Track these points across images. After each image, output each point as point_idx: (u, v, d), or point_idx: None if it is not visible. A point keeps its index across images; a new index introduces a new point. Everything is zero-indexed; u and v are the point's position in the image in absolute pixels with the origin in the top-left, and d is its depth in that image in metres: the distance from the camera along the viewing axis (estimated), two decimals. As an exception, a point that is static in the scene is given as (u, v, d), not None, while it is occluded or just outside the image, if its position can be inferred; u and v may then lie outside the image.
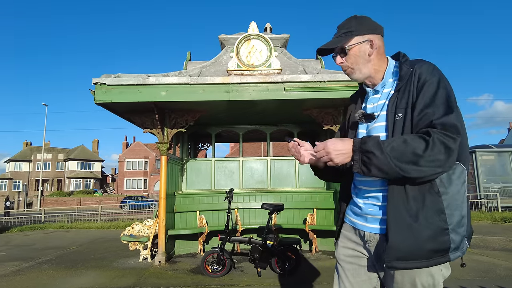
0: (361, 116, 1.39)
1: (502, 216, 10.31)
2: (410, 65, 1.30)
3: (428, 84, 1.22)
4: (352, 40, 1.34)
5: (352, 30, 1.34)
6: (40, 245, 7.58)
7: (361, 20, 1.37)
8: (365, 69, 1.36)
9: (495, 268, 4.61)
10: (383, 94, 1.38)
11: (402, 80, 1.29)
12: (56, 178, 53.79)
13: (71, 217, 14.44)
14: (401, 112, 1.24)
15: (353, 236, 1.43)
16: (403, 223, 1.17)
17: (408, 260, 1.16)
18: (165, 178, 5.37)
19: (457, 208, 1.19)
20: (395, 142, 1.13)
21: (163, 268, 4.95)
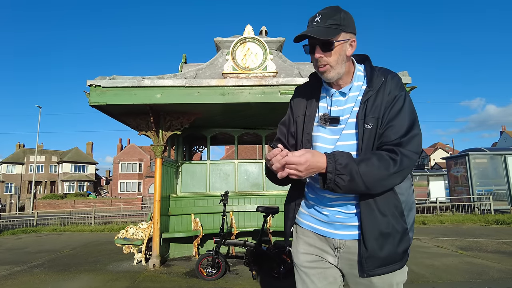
0: (326, 119, 1.31)
1: (495, 218, 10.41)
2: (382, 74, 1.31)
3: (397, 98, 1.25)
4: (339, 36, 1.24)
5: (340, 24, 1.23)
6: (32, 248, 7.48)
7: (347, 14, 1.27)
8: (341, 69, 1.28)
9: (489, 270, 4.64)
10: (349, 97, 1.33)
11: (373, 88, 1.28)
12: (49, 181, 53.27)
13: (64, 220, 14.30)
14: (371, 122, 1.24)
15: (316, 242, 1.37)
16: (378, 231, 1.22)
17: (387, 265, 1.23)
18: (159, 180, 5.34)
19: (412, 207, 1.31)
20: (367, 164, 1.15)
21: (157, 272, 4.91)
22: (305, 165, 1.11)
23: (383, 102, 1.26)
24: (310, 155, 1.12)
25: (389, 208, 1.23)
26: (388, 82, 1.29)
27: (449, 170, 15.86)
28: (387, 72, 1.33)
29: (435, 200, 15.59)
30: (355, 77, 1.34)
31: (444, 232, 8.48)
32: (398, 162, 1.16)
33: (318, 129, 1.35)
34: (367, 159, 1.16)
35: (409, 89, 4.93)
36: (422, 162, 68.48)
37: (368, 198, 1.23)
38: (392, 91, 1.27)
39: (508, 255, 5.66)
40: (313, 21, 1.26)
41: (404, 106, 1.25)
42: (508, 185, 13.47)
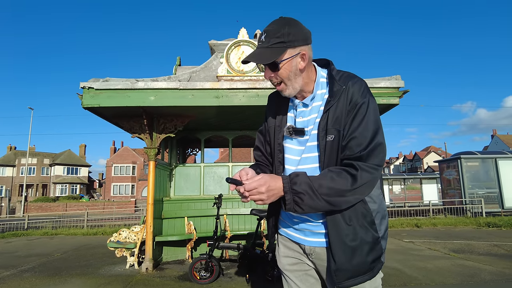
0: (291, 131, 1.30)
1: (487, 221, 10.53)
2: (343, 82, 1.24)
3: (358, 107, 1.20)
4: (285, 54, 1.18)
5: (284, 41, 1.17)
6: (22, 252, 7.37)
7: (293, 27, 1.19)
8: (296, 84, 1.24)
9: (480, 272, 4.68)
10: (313, 107, 1.30)
11: (334, 97, 1.23)
12: (41, 183, 52.63)
13: (56, 223, 14.12)
14: (333, 133, 1.21)
15: (293, 245, 1.39)
16: (345, 243, 1.20)
17: (357, 276, 1.21)
18: (153, 183, 5.31)
19: (383, 215, 1.28)
20: (324, 180, 1.13)
21: (150, 275, 4.87)
22: (265, 186, 1.12)
23: (343, 111, 1.21)
24: (268, 177, 1.14)
25: (357, 218, 1.21)
26: (349, 89, 1.22)
27: (441, 173, 16.01)
28: (349, 78, 1.25)
29: (428, 203, 15.71)
30: (318, 85, 1.29)
31: (437, 235, 8.54)
32: (358, 177, 1.13)
33: (286, 140, 1.35)
34: (324, 176, 1.14)
35: (402, 92, 4.98)
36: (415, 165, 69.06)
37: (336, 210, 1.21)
38: (353, 99, 1.21)
39: (499, 257, 5.72)
40: (260, 40, 1.23)
41: (367, 116, 1.19)
42: (499, 188, 13.64)
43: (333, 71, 1.30)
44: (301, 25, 1.23)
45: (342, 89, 1.23)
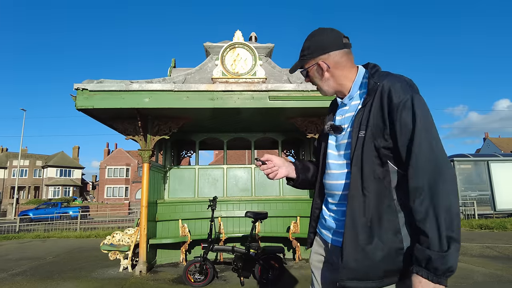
0: (329, 128, 1.40)
1: (479, 223, 10.63)
2: (377, 79, 1.26)
3: (402, 108, 1.15)
4: (307, 64, 1.40)
5: (305, 54, 1.39)
6: (14, 255, 7.27)
7: (315, 40, 1.37)
8: (325, 86, 1.41)
9: (473, 274, 4.72)
10: (351, 106, 1.37)
11: (369, 95, 1.26)
12: (33, 186, 51.98)
13: (48, 226, 13.96)
14: (364, 130, 1.22)
15: (320, 244, 1.45)
16: (357, 243, 1.17)
17: (361, 280, 1.17)
18: (147, 186, 5.28)
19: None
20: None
21: (144, 278, 4.83)
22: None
23: (378, 109, 1.21)
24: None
25: (379, 221, 1.17)
26: (385, 86, 1.21)
27: (434, 176, 16.11)
28: (385, 75, 1.27)
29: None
30: (355, 86, 1.36)
31: (430, 237, 8.59)
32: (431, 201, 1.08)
33: (330, 137, 1.44)
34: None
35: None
36: (408, 168, 69.40)
37: (358, 208, 1.19)
38: (393, 99, 1.17)
39: (491, 259, 5.78)
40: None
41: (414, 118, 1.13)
42: (491, 191, 13.79)
43: (371, 70, 1.33)
44: (326, 35, 1.37)
45: (376, 86, 1.25)
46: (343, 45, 1.36)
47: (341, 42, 1.36)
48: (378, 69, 1.34)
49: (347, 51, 1.37)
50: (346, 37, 1.38)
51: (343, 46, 1.36)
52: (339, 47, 1.35)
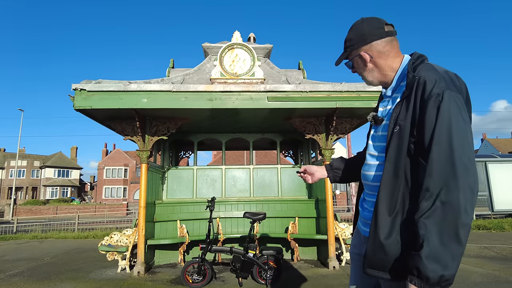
0: (371, 118, 1.42)
1: (477, 224, 10.65)
2: (416, 71, 1.23)
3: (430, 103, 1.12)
4: (350, 55, 1.41)
5: (348, 46, 1.39)
6: (11, 256, 7.24)
7: (356, 31, 1.37)
8: (370, 77, 1.40)
9: (470, 275, 4.73)
10: (392, 98, 1.36)
11: (407, 88, 1.23)
12: (31, 186, 51.82)
13: (46, 226, 13.91)
14: (399, 125, 1.20)
15: (357, 236, 1.53)
16: (378, 236, 1.20)
17: (378, 270, 1.22)
18: (145, 186, 5.27)
19: None
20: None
21: (142, 279, 4.82)
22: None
23: (414, 104, 1.18)
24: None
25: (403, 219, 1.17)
26: (420, 79, 1.17)
27: (432, 176, 16.15)
28: (424, 68, 1.22)
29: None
30: (400, 77, 1.33)
31: (428, 238, 8.60)
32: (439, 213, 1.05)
33: (373, 127, 1.45)
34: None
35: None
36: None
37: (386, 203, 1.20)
38: (425, 92, 1.14)
39: (489, 259, 5.80)
40: None
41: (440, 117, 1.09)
42: (489, 191, 13.83)
43: (415, 62, 1.29)
44: (362, 27, 1.36)
45: (414, 79, 1.21)
46: (385, 34, 1.33)
47: (383, 31, 1.34)
48: (424, 60, 1.30)
49: (391, 39, 1.34)
50: (389, 25, 1.35)
51: (386, 35, 1.33)
52: (381, 36, 1.33)
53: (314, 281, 4.61)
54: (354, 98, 4.88)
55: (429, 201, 1.07)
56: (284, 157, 8.40)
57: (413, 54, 1.36)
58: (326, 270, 5.20)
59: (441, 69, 1.23)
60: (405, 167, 1.19)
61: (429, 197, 1.07)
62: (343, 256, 5.46)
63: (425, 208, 1.07)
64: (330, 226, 5.32)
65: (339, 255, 5.55)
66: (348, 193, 24.62)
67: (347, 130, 5.54)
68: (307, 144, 6.97)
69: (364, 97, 4.86)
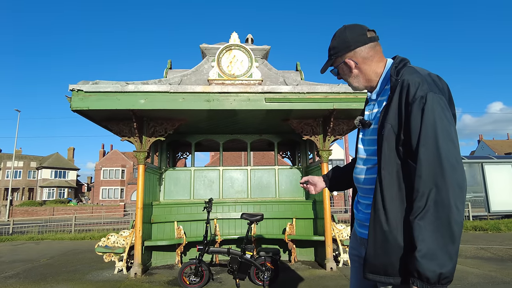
0: (358, 122, 1.43)
1: (473, 225, 10.70)
2: (399, 75, 1.26)
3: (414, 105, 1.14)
4: (335, 62, 1.42)
5: (332, 54, 1.41)
6: (7, 257, 7.19)
7: (340, 38, 1.38)
8: (355, 83, 1.42)
9: (467, 275, 4.75)
10: (377, 102, 1.38)
11: (391, 92, 1.25)
12: (27, 187, 51.54)
13: (43, 227, 13.83)
14: (386, 128, 1.22)
15: (354, 238, 1.52)
16: (378, 240, 1.20)
17: (380, 275, 1.20)
18: (142, 187, 5.25)
19: None
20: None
21: (139, 280, 4.80)
22: None
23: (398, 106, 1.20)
24: None
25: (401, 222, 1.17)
26: (404, 83, 1.20)
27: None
28: (406, 71, 1.25)
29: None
30: (385, 80, 1.36)
31: (425, 239, 8.62)
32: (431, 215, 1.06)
33: (361, 131, 1.47)
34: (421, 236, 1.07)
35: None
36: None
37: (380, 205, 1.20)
38: (410, 95, 1.16)
39: (485, 260, 5.82)
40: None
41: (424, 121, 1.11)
42: (485, 192, 13.89)
43: (398, 66, 1.31)
44: (345, 34, 1.37)
45: (397, 83, 1.24)
46: (368, 40, 1.36)
47: (366, 37, 1.36)
48: (406, 64, 1.32)
49: (374, 44, 1.36)
50: (371, 31, 1.38)
51: (369, 41, 1.36)
52: (364, 42, 1.36)
53: (311, 282, 4.61)
54: (351, 99, 4.90)
55: (421, 201, 1.09)
56: (282, 158, 8.41)
57: (395, 57, 1.38)
58: (324, 271, 5.20)
59: (424, 71, 1.25)
60: (397, 168, 1.21)
61: (420, 197, 1.09)
62: (340, 257, 5.47)
63: (417, 209, 1.09)
64: (328, 227, 5.33)
65: (336, 256, 5.55)
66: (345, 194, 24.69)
67: (344, 131, 5.56)
68: (305, 145, 6.98)
69: (361, 99, 4.88)
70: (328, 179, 1.72)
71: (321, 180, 1.72)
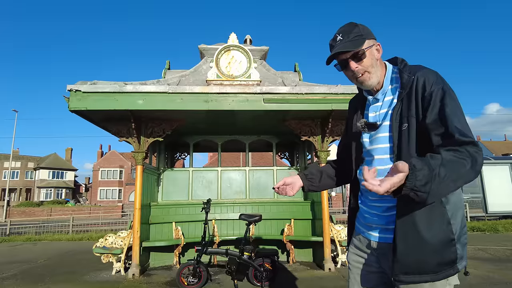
0: (363, 125, 1.38)
1: (471, 225, 10.73)
2: (411, 72, 1.28)
3: (436, 94, 1.20)
4: (365, 43, 1.30)
5: (362, 34, 1.30)
6: (4, 259, 7.16)
7: (363, 26, 1.36)
8: (378, 72, 1.34)
9: (465, 276, 4.76)
10: (384, 102, 1.36)
11: (404, 88, 1.27)
12: (24, 188, 51.37)
13: (40, 228, 13.79)
14: (406, 122, 1.23)
15: (359, 243, 1.44)
16: (410, 236, 1.16)
17: (415, 274, 1.16)
18: (140, 188, 5.24)
19: (459, 216, 1.21)
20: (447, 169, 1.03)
21: (137, 281, 4.79)
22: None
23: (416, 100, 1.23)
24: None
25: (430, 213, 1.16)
26: (419, 78, 1.24)
27: (427, 178, 16.25)
28: (417, 68, 1.29)
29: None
30: (388, 80, 1.37)
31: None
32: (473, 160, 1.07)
33: (362, 135, 1.42)
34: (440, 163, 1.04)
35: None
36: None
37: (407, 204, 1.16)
38: (427, 88, 1.21)
39: (484, 261, 5.83)
40: (336, 40, 1.32)
41: (449, 102, 1.17)
42: (483, 193, 13.93)
43: (401, 65, 1.33)
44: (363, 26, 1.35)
45: (411, 79, 1.26)
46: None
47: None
48: (407, 63, 1.35)
49: None
50: None
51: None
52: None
53: (309, 283, 4.60)
54: (350, 100, 4.89)
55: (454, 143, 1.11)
56: (280, 159, 8.41)
57: (395, 58, 1.40)
58: (322, 272, 5.20)
59: (428, 68, 1.30)
60: None
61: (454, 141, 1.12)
62: (338, 258, 5.46)
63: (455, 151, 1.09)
64: (326, 228, 5.33)
65: (334, 257, 5.55)
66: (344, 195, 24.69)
67: (342, 132, 5.55)
68: (303, 146, 6.98)
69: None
70: (306, 178, 1.58)
71: (297, 178, 1.55)
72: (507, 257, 6.18)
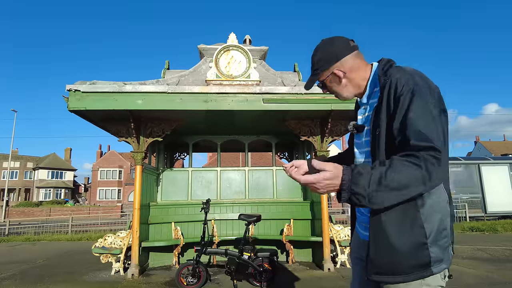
0: (352, 128, 1.44)
1: (470, 225, 10.74)
2: (387, 74, 1.29)
3: (404, 97, 1.18)
4: (321, 76, 1.41)
5: (318, 68, 1.40)
6: (2, 259, 7.14)
7: (324, 51, 1.38)
8: (345, 93, 1.42)
9: (464, 276, 4.77)
10: (369, 105, 1.39)
11: (381, 92, 1.28)
12: (23, 188, 51.31)
13: (39, 228, 13.77)
14: (378, 127, 1.24)
15: (357, 240, 1.50)
16: (382, 238, 1.18)
17: (388, 275, 1.18)
18: (139, 188, 5.24)
19: (436, 219, 1.19)
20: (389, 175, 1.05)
21: (136, 281, 4.78)
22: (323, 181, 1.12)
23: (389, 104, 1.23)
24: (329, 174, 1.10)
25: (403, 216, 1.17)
26: (392, 81, 1.24)
27: (427, 178, 16.26)
28: (394, 70, 1.28)
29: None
30: (373, 83, 1.38)
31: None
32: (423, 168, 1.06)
33: (356, 136, 1.48)
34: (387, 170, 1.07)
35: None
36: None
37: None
38: (397, 91, 1.20)
39: (482, 261, 5.84)
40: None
41: (411, 105, 1.15)
42: (482, 193, 13.95)
43: (384, 67, 1.33)
44: (329, 46, 1.39)
45: (386, 82, 1.27)
46: (351, 49, 1.38)
47: (348, 46, 1.38)
48: (392, 65, 1.34)
49: (356, 52, 1.39)
50: (351, 40, 1.41)
51: (352, 49, 1.38)
52: (349, 51, 1.37)
53: (309, 283, 4.61)
54: (349, 100, 4.89)
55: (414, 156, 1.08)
56: (280, 159, 8.41)
57: (381, 60, 1.41)
58: (321, 272, 5.20)
59: (410, 69, 1.28)
60: None
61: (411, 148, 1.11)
62: (338, 258, 5.47)
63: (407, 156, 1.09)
64: (325, 228, 5.33)
65: (334, 257, 5.55)
66: (343, 195, 24.69)
67: (342, 132, 5.56)
68: (303, 146, 6.98)
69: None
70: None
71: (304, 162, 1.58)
72: (506, 257, 6.19)
